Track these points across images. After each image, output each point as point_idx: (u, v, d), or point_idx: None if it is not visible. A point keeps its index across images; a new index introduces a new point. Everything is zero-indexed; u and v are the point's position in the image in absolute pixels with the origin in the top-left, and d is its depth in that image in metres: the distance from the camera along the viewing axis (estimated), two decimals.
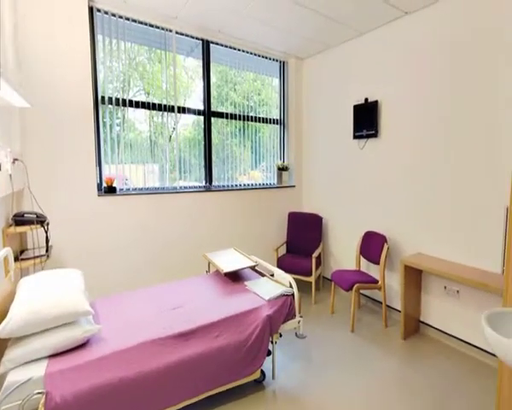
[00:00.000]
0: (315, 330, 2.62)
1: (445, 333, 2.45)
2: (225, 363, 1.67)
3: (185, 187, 3.06)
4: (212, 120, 3.20)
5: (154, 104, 2.84)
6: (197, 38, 3.03)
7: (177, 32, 2.89)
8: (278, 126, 3.76)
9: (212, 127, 3.21)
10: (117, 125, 2.70)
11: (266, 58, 3.53)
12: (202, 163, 3.19)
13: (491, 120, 2.12)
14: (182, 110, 2.99)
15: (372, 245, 2.84)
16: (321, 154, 3.56)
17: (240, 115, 3.40)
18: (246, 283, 2.20)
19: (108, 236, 2.58)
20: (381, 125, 2.87)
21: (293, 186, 3.76)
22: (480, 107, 2.18)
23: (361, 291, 3.08)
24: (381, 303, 2.86)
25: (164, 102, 2.88)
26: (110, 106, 2.62)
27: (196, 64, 3.11)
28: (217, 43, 3.15)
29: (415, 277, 2.53)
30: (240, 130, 3.44)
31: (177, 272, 2.94)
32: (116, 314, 1.80)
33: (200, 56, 3.09)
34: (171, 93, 2.92)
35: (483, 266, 2.20)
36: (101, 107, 2.58)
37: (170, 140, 2.98)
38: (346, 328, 2.64)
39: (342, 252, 3.36)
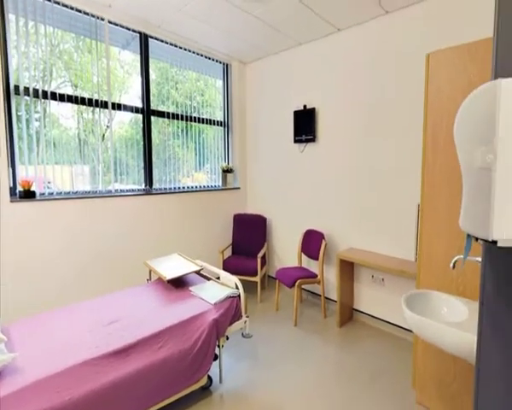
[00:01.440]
0: (261, 328, 2.70)
1: (374, 317, 2.78)
2: (170, 374, 1.61)
3: (122, 190, 2.85)
4: (152, 119, 3.05)
5: (83, 98, 2.57)
6: (134, 31, 2.84)
7: (110, 22, 2.67)
8: (222, 128, 3.76)
9: (153, 127, 3.06)
10: (36, 119, 2.37)
11: (209, 59, 3.50)
12: (141, 164, 3.01)
13: (406, 128, 2.48)
14: (117, 107, 2.78)
15: (312, 242, 3.06)
16: (264, 156, 3.68)
17: (182, 115, 3.30)
18: (191, 288, 2.16)
19: (29, 247, 2.26)
20: (318, 130, 3.10)
21: (238, 188, 3.81)
22: (398, 113, 2.53)
23: (303, 286, 3.28)
24: (320, 296, 3.10)
25: (95, 97, 2.63)
26: (27, 97, 2.29)
27: (133, 58, 2.92)
28: (156, 39, 3.00)
29: (348, 269, 2.81)
30: (183, 130, 3.34)
31: (114, 284, 2.72)
32: (39, 337, 1.59)
33: (138, 50, 2.91)
34: (104, 87, 2.68)
35: (402, 255, 2.55)
36: (14, 98, 2.24)
37: (103, 139, 2.74)
38: (289, 323, 2.78)
39: (285, 250, 3.53)
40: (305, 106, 3.16)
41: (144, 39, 2.92)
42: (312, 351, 2.36)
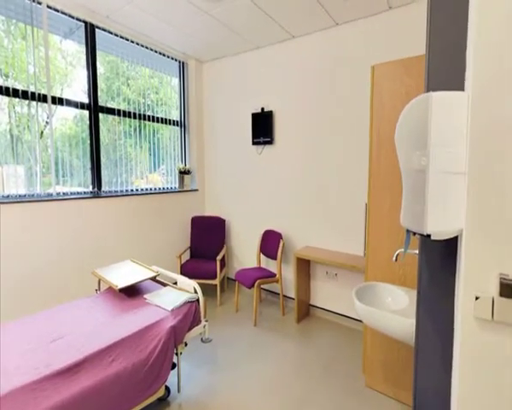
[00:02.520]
0: (221, 331, 2.67)
1: (328, 311, 2.94)
2: (124, 388, 1.50)
3: (65, 193, 2.59)
4: (101, 116, 2.83)
5: (15, 90, 2.28)
6: (79, 20, 2.61)
7: (49, 7, 2.41)
8: (179, 128, 3.65)
9: (101, 124, 2.83)
10: None
11: (164, 56, 3.37)
12: (88, 165, 2.77)
13: (356, 133, 2.67)
14: (58, 101, 2.52)
15: (270, 242, 3.12)
16: (223, 158, 3.66)
17: (135, 114, 3.12)
18: (145, 296, 2.05)
19: None
20: (275, 133, 3.18)
21: (196, 190, 3.73)
22: (349, 118, 2.71)
23: (262, 286, 3.33)
24: (279, 294, 3.17)
25: (31, 89, 2.36)
26: None
27: (78, 49, 2.68)
28: (104, 30, 2.79)
29: (305, 266, 2.92)
30: (135, 129, 3.16)
31: (58, 298, 2.45)
32: None
33: (83, 41, 2.68)
34: (43, 79, 2.42)
35: (353, 251, 2.74)
36: None
37: (41, 136, 2.46)
38: (249, 323, 2.80)
39: (245, 252, 3.54)
40: (262, 109, 3.21)
41: (90, 29, 2.70)
42: (272, 348, 2.40)
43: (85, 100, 2.72)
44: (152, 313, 1.85)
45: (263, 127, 3.20)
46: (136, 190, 3.15)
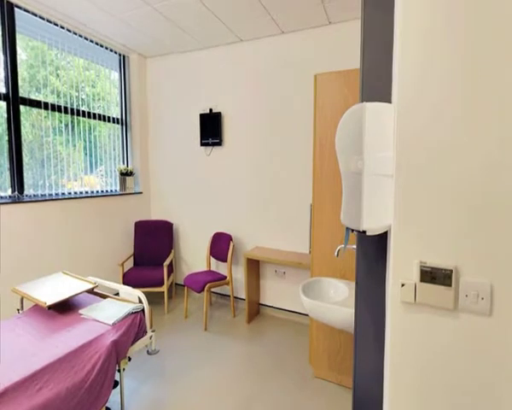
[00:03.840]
0: (169, 340, 2.54)
1: (278, 308, 3.03)
2: None
3: None
4: (22, 108, 2.46)
5: None
6: None
7: None
8: (120, 126, 3.38)
9: (23, 118, 2.47)
10: None
11: (102, 47, 3.10)
12: (6, 165, 2.39)
13: (302, 136, 2.82)
14: None
15: (220, 245, 3.09)
16: (169, 159, 3.51)
17: (67, 108, 2.80)
18: (81, 311, 1.84)
19: None
20: (224, 134, 3.17)
21: (140, 193, 3.50)
22: (295, 122, 2.85)
23: (212, 289, 3.28)
24: (229, 296, 3.16)
25: None
26: None
27: None
28: (26, 11, 2.44)
29: (254, 267, 2.97)
30: (67, 125, 2.83)
31: None
32: None
33: None
34: None
35: (300, 249, 2.88)
36: None
37: None
38: (199, 328, 2.73)
39: (194, 255, 3.45)
40: (211, 109, 3.18)
41: (8, 8, 2.34)
42: (223, 351, 2.38)
43: (2, 89, 2.34)
44: (89, 329, 1.67)
45: (211, 128, 3.16)
46: (69, 193, 2.82)
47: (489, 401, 0.76)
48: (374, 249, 1.05)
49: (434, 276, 0.80)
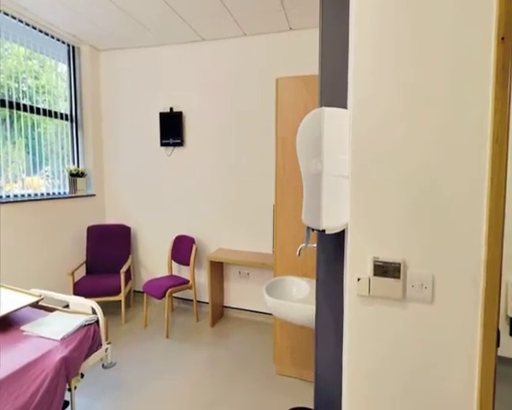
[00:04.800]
0: (127, 351, 2.40)
1: (242, 309, 3.03)
2: None
3: None
4: None
5: None
6: None
7: None
8: (69, 123, 3.12)
9: None
10: None
11: (48, 35, 2.82)
12: None
13: (265, 138, 2.86)
14: None
15: (182, 248, 3.00)
16: (126, 159, 3.32)
17: (4, 101, 2.49)
18: (23, 327, 1.65)
19: None
20: (186, 134, 3.09)
21: (93, 195, 3.25)
22: (258, 124, 2.88)
23: (174, 295, 3.16)
24: (192, 301, 3.08)
25: None
26: None
27: None
28: None
29: (218, 269, 2.94)
30: (4, 120, 2.52)
31: None
32: None
33: None
34: None
35: (263, 249, 2.91)
36: None
37: None
38: (161, 336, 2.61)
39: (154, 260, 3.30)
40: (171, 109, 3.08)
41: None
42: (185, 358, 2.31)
43: None
44: (33, 346, 1.50)
45: (172, 128, 3.06)
46: (7, 196, 2.52)
47: (432, 378, 0.85)
48: (333, 247, 1.10)
49: (386, 270, 0.87)
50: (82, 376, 1.66)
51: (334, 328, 1.11)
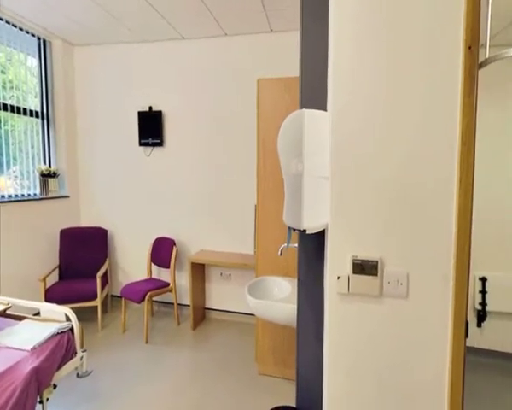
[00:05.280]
0: (104, 358, 2.30)
1: (224, 311, 3.01)
2: None
3: None
4: None
5: None
6: None
7: None
8: (40, 121, 2.95)
9: None
10: None
11: (15, 27, 2.66)
12: None
13: (246, 138, 2.86)
14: None
15: (162, 250, 2.93)
16: (103, 159, 3.20)
17: None
18: None
19: None
20: (165, 134, 3.03)
21: (67, 197, 3.10)
22: (240, 124, 2.87)
23: (154, 298, 3.08)
24: (173, 304, 3.02)
25: None
26: None
27: None
28: None
29: (199, 271, 2.90)
30: None
31: None
32: None
33: None
34: None
35: (245, 250, 2.91)
36: None
37: None
38: (140, 341, 2.54)
39: (133, 263, 3.20)
40: (150, 108, 3.01)
41: None
42: (166, 363, 2.26)
43: None
44: (1, 358, 1.41)
45: (151, 128, 2.99)
46: None
47: (407, 371, 0.88)
48: (314, 247, 1.12)
49: (364, 267, 0.90)
50: (55, 387, 1.57)
51: (315, 326, 1.13)
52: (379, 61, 0.85)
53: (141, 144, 3.03)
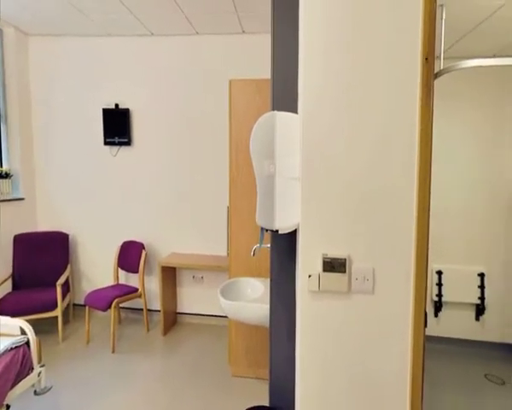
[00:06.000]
0: (65, 372, 2.15)
1: (196, 314, 2.95)
2: None
3: None
4: None
5: None
6: None
7: None
8: None
9: None
10: None
11: None
12: None
13: (218, 139, 2.83)
14: None
15: (130, 254, 2.81)
16: (64, 158, 2.99)
17: None
18: None
19: None
20: (133, 133, 2.90)
21: (22, 199, 2.85)
22: (211, 124, 2.83)
23: (121, 305, 2.94)
24: (142, 310, 2.90)
25: None
26: None
27: None
28: None
29: (170, 275, 2.82)
30: None
31: None
32: None
33: None
34: None
35: (217, 252, 2.87)
36: None
37: None
38: (106, 352, 2.40)
39: (98, 269, 3.02)
40: (117, 105, 2.87)
41: None
42: (134, 372, 2.16)
43: None
44: None
45: (118, 126, 2.85)
46: None
47: (374, 362, 0.93)
48: (286, 247, 1.14)
49: (333, 265, 0.94)
50: (8, 407, 1.44)
51: (287, 325, 1.15)
52: (345, 69, 0.90)
53: (106, 143, 2.87)
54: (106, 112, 2.85)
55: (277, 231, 0.99)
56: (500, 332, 2.52)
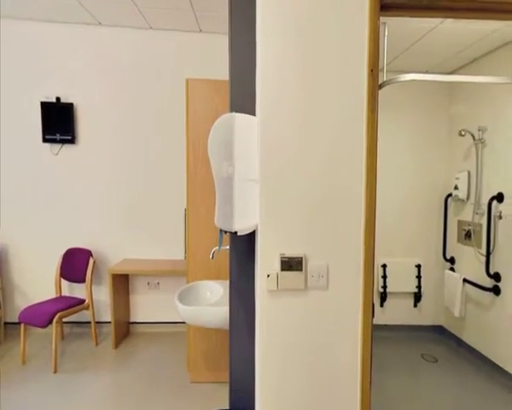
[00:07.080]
0: None
1: (152, 323, 2.80)
2: None
3: None
4: None
5: None
6: None
7: None
8: None
9: None
10: None
11: None
12: None
13: (174, 139, 2.72)
14: None
15: (75, 263, 2.56)
16: None
17: None
18: None
19: None
20: (78, 130, 2.65)
21: None
22: (166, 123, 2.72)
23: (65, 319, 2.66)
24: (90, 323, 2.66)
25: None
26: None
27: None
28: None
29: (122, 282, 2.63)
30: None
31: None
32: None
33: None
34: None
35: (174, 256, 2.77)
36: None
37: None
38: (46, 372, 2.15)
39: (36, 282, 2.69)
40: (58, 99, 2.59)
41: None
42: (81, 391, 1.97)
43: None
44: None
45: (60, 122, 2.58)
46: None
47: (329, 353, 0.99)
48: (245, 248, 1.15)
49: (291, 264, 0.97)
50: None
51: (247, 325, 1.15)
52: (300, 76, 0.93)
53: (45, 140, 2.58)
54: (45, 106, 2.56)
55: (236, 232, 0.99)
56: (433, 316, 2.86)
